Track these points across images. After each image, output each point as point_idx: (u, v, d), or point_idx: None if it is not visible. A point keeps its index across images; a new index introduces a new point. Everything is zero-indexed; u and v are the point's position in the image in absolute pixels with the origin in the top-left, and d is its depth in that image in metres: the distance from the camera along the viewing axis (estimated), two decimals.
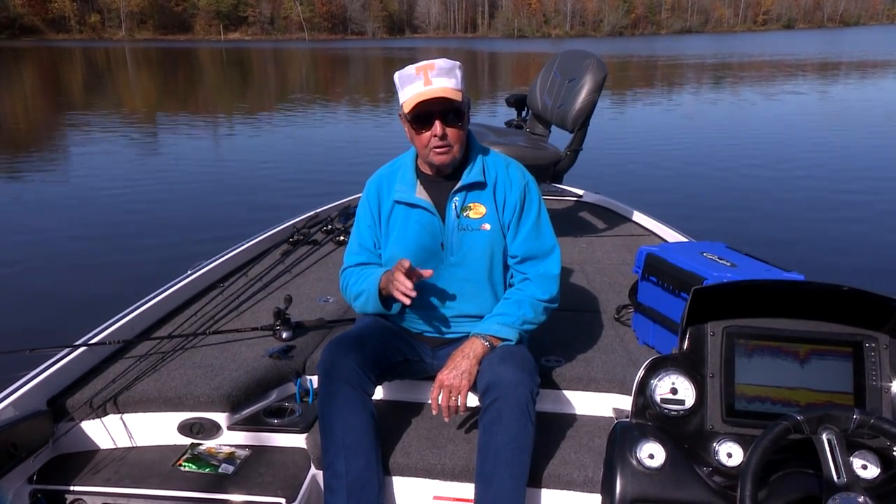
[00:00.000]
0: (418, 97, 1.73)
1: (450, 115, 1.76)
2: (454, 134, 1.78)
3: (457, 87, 1.76)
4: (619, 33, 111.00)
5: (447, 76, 1.74)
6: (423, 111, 1.75)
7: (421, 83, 1.74)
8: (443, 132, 1.76)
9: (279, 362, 2.11)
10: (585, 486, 1.74)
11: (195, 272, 2.74)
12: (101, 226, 6.67)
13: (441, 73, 1.74)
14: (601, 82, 3.27)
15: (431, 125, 1.76)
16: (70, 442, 1.91)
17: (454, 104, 1.75)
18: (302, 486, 1.79)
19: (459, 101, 1.75)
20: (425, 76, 1.74)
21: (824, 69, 28.43)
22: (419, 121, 1.77)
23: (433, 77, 1.73)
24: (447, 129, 1.76)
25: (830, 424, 1.14)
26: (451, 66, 1.76)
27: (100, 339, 2.12)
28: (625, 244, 3.44)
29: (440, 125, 1.75)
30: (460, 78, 1.78)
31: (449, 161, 1.82)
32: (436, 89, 1.72)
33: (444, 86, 1.73)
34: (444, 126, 1.76)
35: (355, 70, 35.76)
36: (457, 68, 1.77)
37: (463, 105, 1.77)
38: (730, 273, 1.94)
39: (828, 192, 7.78)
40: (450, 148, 1.79)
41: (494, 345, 1.79)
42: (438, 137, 1.76)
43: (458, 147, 1.81)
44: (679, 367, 1.40)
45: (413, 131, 1.80)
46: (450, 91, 1.73)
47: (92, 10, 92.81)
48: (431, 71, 1.74)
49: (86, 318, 2.41)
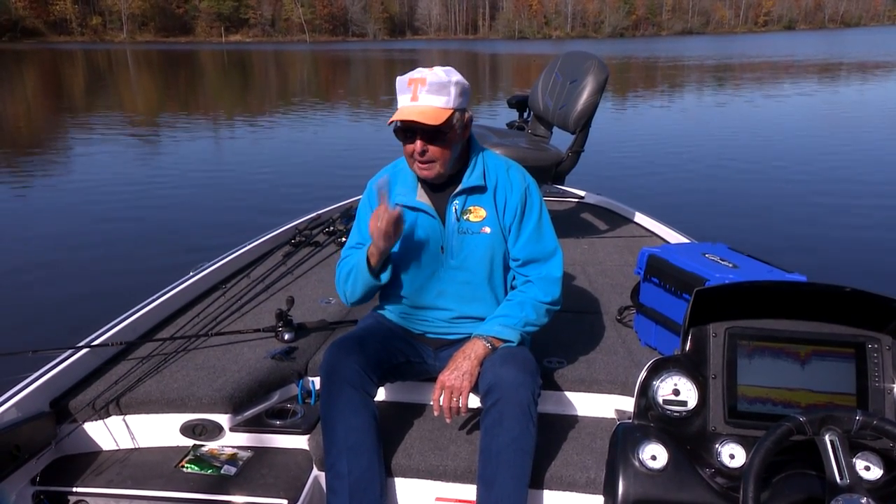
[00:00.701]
0: (401, 113, 1.71)
1: (433, 133, 1.72)
2: (436, 152, 1.75)
3: (446, 105, 1.71)
4: (619, 34, 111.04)
5: (437, 93, 1.70)
6: (404, 126, 1.73)
7: (408, 97, 1.72)
8: (423, 149, 1.74)
9: (281, 364, 2.11)
10: (588, 487, 1.74)
11: (197, 274, 2.74)
12: (104, 228, 6.68)
13: (431, 90, 1.70)
14: (603, 84, 3.26)
15: (414, 140, 1.74)
16: (73, 443, 1.91)
17: (434, 127, 1.69)
18: (304, 488, 1.79)
19: (440, 123, 1.69)
20: (414, 91, 1.71)
21: (827, 70, 28.42)
22: (403, 134, 1.76)
23: (422, 93, 1.70)
24: (429, 146, 1.74)
25: (833, 426, 1.14)
26: (445, 81, 1.70)
27: (102, 341, 2.12)
28: (626, 245, 3.44)
29: (420, 143, 1.73)
30: (454, 94, 1.72)
31: (433, 176, 1.80)
32: (416, 109, 1.69)
33: (430, 104, 1.70)
34: (425, 143, 1.73)
35: (357, 72, 35.77)
36: (452, 85, 1.71)
37: (445, 126, 1.71)
38: (732, 274, 1.94)
39: (830, 193, 7.77)
40: (432, 164, 1.77)
41: (496, 346, 1.79)
42: (419, 154, 1.75)
43: (441, 163, 1.77)
44: (681, 368, 1.40)
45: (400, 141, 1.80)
46: (431, 112, 1.68)
47: (93, 13, 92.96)
48: (422, 86, 1.70)
49: (88, 319, 2.42)
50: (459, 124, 1.76)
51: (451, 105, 1.72)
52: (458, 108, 1.74)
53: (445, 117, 1.70)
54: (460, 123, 1.76)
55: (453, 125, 1.74)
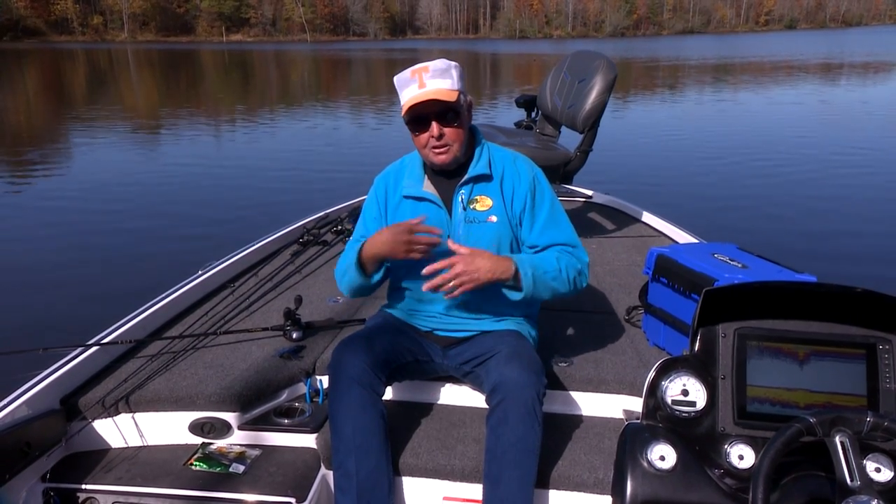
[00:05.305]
0: (412, 100, 1.75)
1: (447, 115, 1.78)
2: (452, 133, 1.80)
3: (452, 87, 1.77)
4: (620, 34, 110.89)
5: (441, 77, 1.76)
6: (418, 114, 1.77)
7: (415, 86, 1.76)
8: (440, 132, 1.78)
9: (289, 362, 2.12)
10: (595, 487, 1.74)
11: (206, 272, 2.75)
12: (112, 227, 6.68)
13: (435, 75, 1.75)
14: (611, 83, 3.25)
15: (428, 127, 1.78)
16: (82, 441, 1.92)
17: (449, 105, 1.76)
18: (312, 486, 1.80)
19: (454, 101, 1.76)
20: (420, 79, 1.76)
21: (832, 70, 28.32)
22: (416, 123, 1.80)
23: (427, 79, 1.75)
24: (444, 128, 1.78)
25: (843, 427, 1.13)
26: (445, 66, 1.77)
27: (112, 339, 2.13)
28: (635, 245, 3.44)
29: (437, 126, 1.77)
30: (456, 77, 1.79)
31: (450, 160, 1.83)
32: (429, 91, 1.74)
33: (438, 87, 1.75)
34: (441, 126, 1.78)
35: (361, 72, 35.74)
36: (452, 68, 1.78)
37: (458, 104, 1.78)
38: (741, 274, 1.94)
39: (840, 193, 7.73)
40: (448, 147, 1.81)
41: (514, 283, 1.76)
42: (436, 138, 1.78)
43: (457, 145, 1.82)
44: (690, 368, 1.40)
45: (412, 133, 1.82)
46: (444, 92, 1.75)
47: (94, 12, 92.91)
48: (426, 73, 1.75)
49: (98, 317, 2.42)
50: (466, 105, 1.83)
51: (456, 87, 1.78)
52: (461, 90, 1.80)
53: (456, 96, 1.77)
54: (466, 104, 1.83)
55: (462, 105, 1.80)
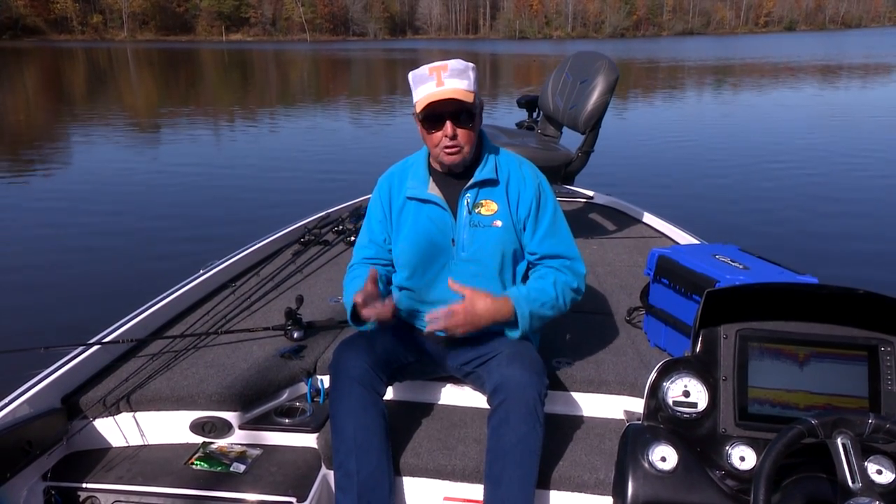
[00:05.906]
0: (430, 98, 1.75)
1: (461, 115, 1.78)
2: (465, 135, 1.80)
3: (469, 88, 1.77)
4: (620, 35, 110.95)
5: (459, 77, 1.76)
6: (434, 111, 1.77)
7: (433, 84, 1.76)
8: (453, 133, 1.78)
9: (290, 362, 2.12)
10: (596, 488, 1.74)
11: (207, 272, 2.75)
12: (113, 226, 6.68)
13: (454, 75, 1.76)
14: (613, 84, 3.25)
15: (442, 126, 1.78)
16: (84, 439, 1.92)
17: (465, 105, 1.76)
18: (313, 486, 1.80)
19: (471, 102, 1.76)
20: (438, 77, 1.75)
21: (834, 72, 28.32)
22: (430, 121, 1.79)
23: (446, 78, 1.75)
24: (458, 129, 1.78)
25: (845, 429, 1.13)
26: (464, 67, 1.78)
27: (113, 338, 2.13)
28: (636, 246, 3.44)
29: (451, 126, 1.77)
30: (473, 79, 1.79)
31: (459, 161, 1.84)
32: (447, 90, 1.74)
33: (456, 87, 1.75)
34: (455, 127, 1.78)
35: (361, 71, 35.74)
36: (470, 70, 1.79)
37: (474, 106, 1.79)
38: (742, 276, 1.94)
39: (842, 195, 7.73)
40: (460, 148, 1.81)
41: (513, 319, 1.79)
42: (449, 138, 1.78)
43: (468, 148, 1.83)
44: (691, 369, 1.40)
45: (424, 131, 1.82)
46: (461, 92, 1.75)
47: (94, 11, 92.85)
48: (444, 72, 1.75)
49: (99, 317, 2.42)
50: (480, 109, 1.84)
51: (473, 88, 1.79)
52: (476, 92, 1.80)
53: (472, 97, 1.77)
54: (480, 107, 1.84)
55: (477, 107, 1.81)
